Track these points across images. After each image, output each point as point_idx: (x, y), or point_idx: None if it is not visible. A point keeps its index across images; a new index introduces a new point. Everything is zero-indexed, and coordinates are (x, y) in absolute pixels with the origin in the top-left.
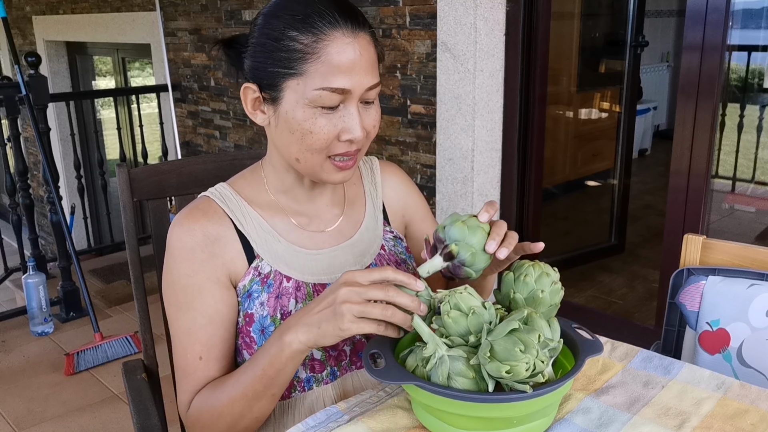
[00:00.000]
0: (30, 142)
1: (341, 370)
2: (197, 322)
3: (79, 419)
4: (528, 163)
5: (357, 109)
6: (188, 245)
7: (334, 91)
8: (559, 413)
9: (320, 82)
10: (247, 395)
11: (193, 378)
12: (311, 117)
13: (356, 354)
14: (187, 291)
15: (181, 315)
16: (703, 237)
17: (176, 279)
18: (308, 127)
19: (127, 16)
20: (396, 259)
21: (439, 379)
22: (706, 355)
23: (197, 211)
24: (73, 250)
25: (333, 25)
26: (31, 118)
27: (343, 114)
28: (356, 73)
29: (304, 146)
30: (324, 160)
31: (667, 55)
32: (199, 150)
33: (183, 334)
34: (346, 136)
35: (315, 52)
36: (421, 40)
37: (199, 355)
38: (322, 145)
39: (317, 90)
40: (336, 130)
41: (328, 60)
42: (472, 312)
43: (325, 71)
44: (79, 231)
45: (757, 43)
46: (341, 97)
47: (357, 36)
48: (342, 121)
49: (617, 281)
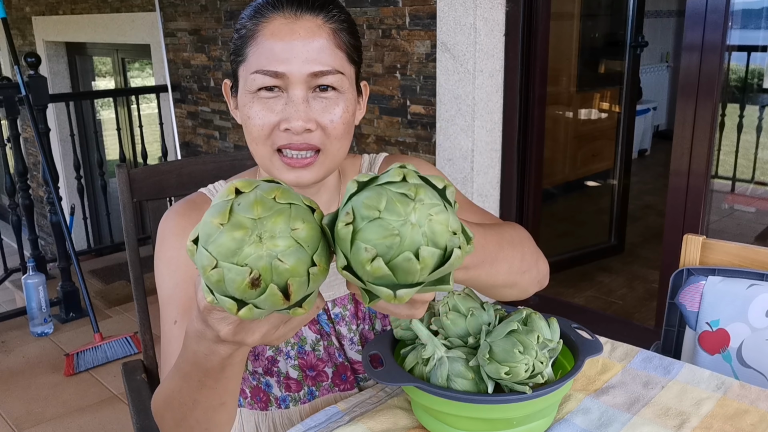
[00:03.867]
0: (30, 142)
1: (321, 391)
2: (178, 287)
3: (79, 420)
4: (528, 164)
5: (301, 98)
6: (180, 224)
7: (266, 73)
8: (559, 414)
9: (255, 65)
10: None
11: (169, 351)
12: (249, 102)
13: (339, 377)
14: (170, 262)
15: (164, 286)
16: (703, 237)
17: (162, 255)
18: (247, 113)
19: (127, 17)
20: None
21: (439, 381)
22: (705, 356)
23: (191, 203)
24: (73, 251)
25: (274, 8)
26: (31, 118)
27: (285, 101)
28: (295, 56)
29: (249, 137)
30: (272, 153)
31: (666, 55)
32: (199, 150)
33: (163, 305)
34: (283, 125)
35: (253, 35)
36: (420, 40)
37: (174, 319)
38: (259, 132)
39: (253, 73)
40: (275, 117)
41: (263, 41)
42: (470, 313)
43: (259, 53)
44: (79, 231)
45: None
46: (278, 81)
47: (300, 18)
48: (283, 110)
49: (617, 281)
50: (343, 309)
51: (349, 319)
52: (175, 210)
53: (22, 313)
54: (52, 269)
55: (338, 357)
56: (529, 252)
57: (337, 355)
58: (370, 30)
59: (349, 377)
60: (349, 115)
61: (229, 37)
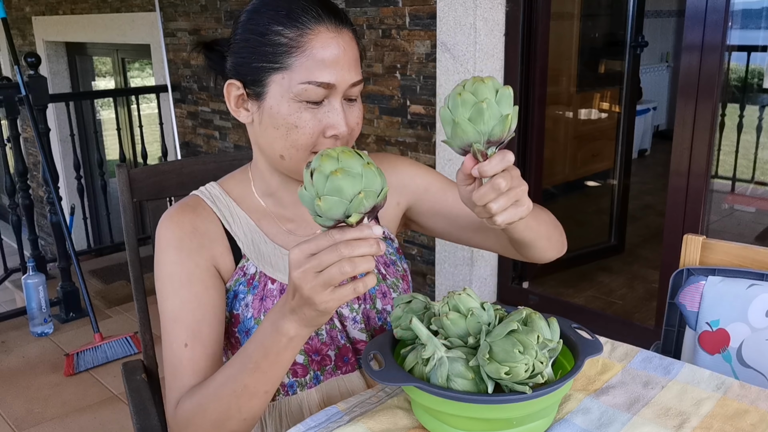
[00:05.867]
0: (30, 142)
1: (325, 375)
2: (184, 307)
3: (79, 420)
4: (528, 164)
5: (341, 105)
6: (177, 235)
7: (320, 85)
8: (559, 414)
9: (305, 76)
10: (236, 392)
11: (179, 370)
12: (296, 111)
13: (341, 359)
14: (173, 278)
15: (168, 302)
16: (703, 237)
17: (163, 268)
18: (293, 122)
19: (127, 17)
20: (385, 260)
21: (439, 381)
22: (705, 356)
23: (186, 207)
24: (73, 251)
25: (317, 20)
26: (31, 118)
27: (328, 110)
28: (341, 69)
29: (289, 142)
30: (308, 156)
31: (666, 55)
32: (199, 150)
33: (168, 322)
34: (331, 131)
35: (300, 45)
36: (420, 40)
37: (185, 341)
38: (307, 140)
39: (303, 84)
40: (321, 125)
41: (313, 54)
42: (470, 313)
43: (310, 65)
44: (79, 231)
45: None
46: (326, 92)
47: (340, 32)
48: (327, 117)
49: (617, 281)
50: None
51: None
52: (170, 217)
53: (22, 313)
54: (52, 269)
55: (340, 339)
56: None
57: (339, 337)
58: (370, 30)
59: (351, 359)
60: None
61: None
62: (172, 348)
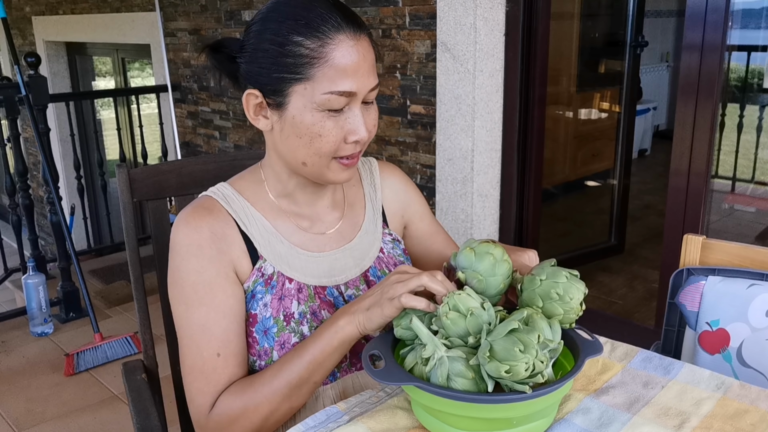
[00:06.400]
0: (30, 142)
1: (341, 372)
2: (210, 318)
3: (79, 420)
4: (528, 164)
5: (360, 111)
6: (196, 242)
7: (342, 94)
8: (559, 413)
9: (328, 86)
10: (291, 383)
11: (213, 377)
12: (320, 121)
13: (356, 356)
14: (197, 288)
15: (193, 312)
16: (703, 237)
17: (185, 276)
18: (317, 131)
19: (127, 17)
20: (394, 261)
21: (439, 380)
22: (705, 355)
23: (202, 209)
24: (73, 251)
25: (337, 29)
26: (31, 118)
27: (348, 116)
28: (361, 76)
29: (312, 150)
30: (330, 161)
31: (666, 55)
32: (199, 150)
33: (196, 332)
34: (352, 137)
35: (322, 56)
36: (420, 40)
37: (217, 351)
38: (330, 148)
39: (326, 94)
40: (342, 132)
41: (335, 64)
42: (470, 313)
43: (332, 75)
44: (79, 231)
45: (757, 43)
46: (347, 100)
47: (359, 39)
48: (348, 123)
49: (617, 281)
50: (356, 290)
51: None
52: (186, 222)
53: (22, 313)
54: (52, 269)
55: None
56: None
57: None
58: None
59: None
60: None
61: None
62: (202, 356)
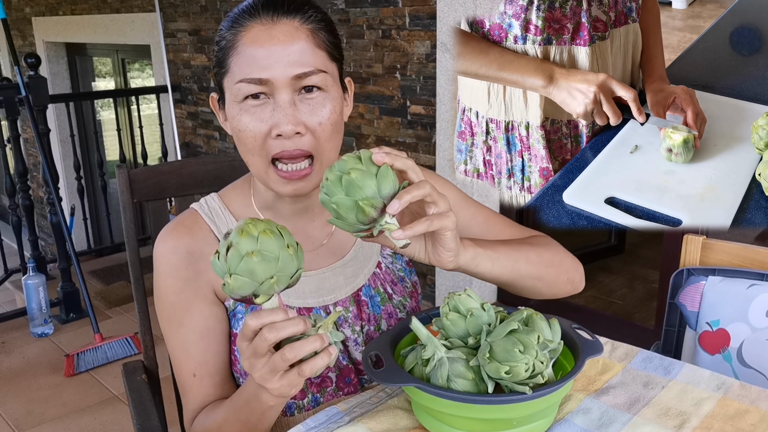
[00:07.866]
0: (30, 143)
1: (325, 397)
2: (188, 338)
3: (79, 420)
4: None
5: (288, 102)
6: (173, 262)
7: (251, 81)
8: (559, 414)
9: (238, 74)
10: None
11: (190, 396)
12: (237, 114)
13: (343, 380)
14: (176, 308)
15: (174, 332)
16: (703, 237)
17: (164, 296)
18: (237, 125)
19: (127, 17)
20: (392, 278)
21: (439, 381)
22: (706, 356)
23: (182, 227)
24: (73, 252)
25: (251, 16)
26: (31, 119)
27: (272, 107)
28: (275, 61)
29: (243, 148)
30: (267, 166)
31: None
32: (199, 151)
33: (177, 351)
34: (274, 131)
35: (233, 45)
36: (420, 40)
37: (193, 372)
38: (252, 143)
39: (238, 83)
40: (265, 126)
41: (243, 50)
42: (470, 314)
43: (242, 62)
44: (79, 232)
45: None
46: (263, 88)
47: (277, 22)
48: (271, 116)
49: (617, 281)
50: (345, 311)
51: (353, 321)
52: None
53: (22, 314)
54: (52, 270)
55: (342, 360)
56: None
57: (341, 358)
58: (370, 30)
59: (353, 380)
60: (337, 114)
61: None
62: (182, 373)
